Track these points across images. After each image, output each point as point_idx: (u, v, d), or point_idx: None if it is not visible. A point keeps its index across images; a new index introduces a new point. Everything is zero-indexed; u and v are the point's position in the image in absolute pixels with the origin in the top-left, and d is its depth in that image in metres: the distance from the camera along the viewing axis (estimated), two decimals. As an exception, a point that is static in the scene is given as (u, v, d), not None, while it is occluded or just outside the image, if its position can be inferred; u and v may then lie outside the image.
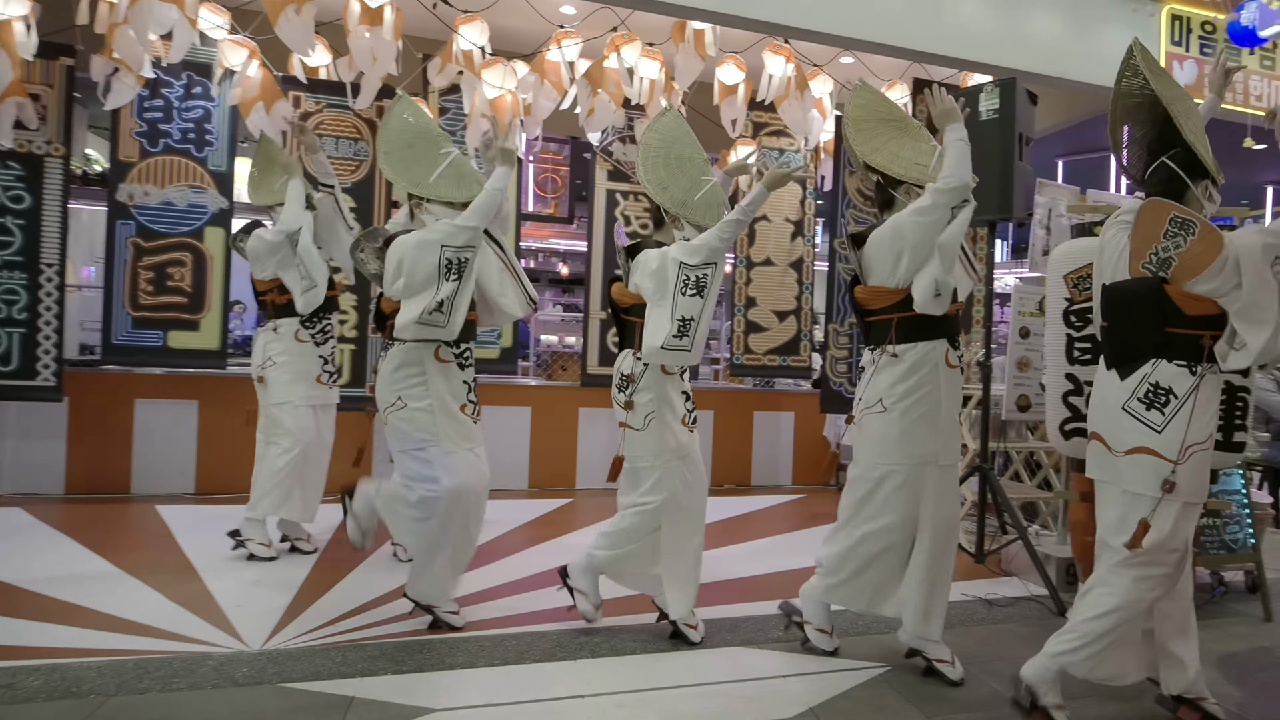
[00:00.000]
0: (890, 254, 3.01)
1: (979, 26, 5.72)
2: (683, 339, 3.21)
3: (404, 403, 3.25)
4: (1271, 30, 5.84)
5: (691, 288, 3.21)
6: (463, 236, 3.20)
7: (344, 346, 5.61)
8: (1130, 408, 2.61)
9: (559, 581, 3.48)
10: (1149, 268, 2.61)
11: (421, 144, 3.47)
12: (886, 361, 3.05)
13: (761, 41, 5.71)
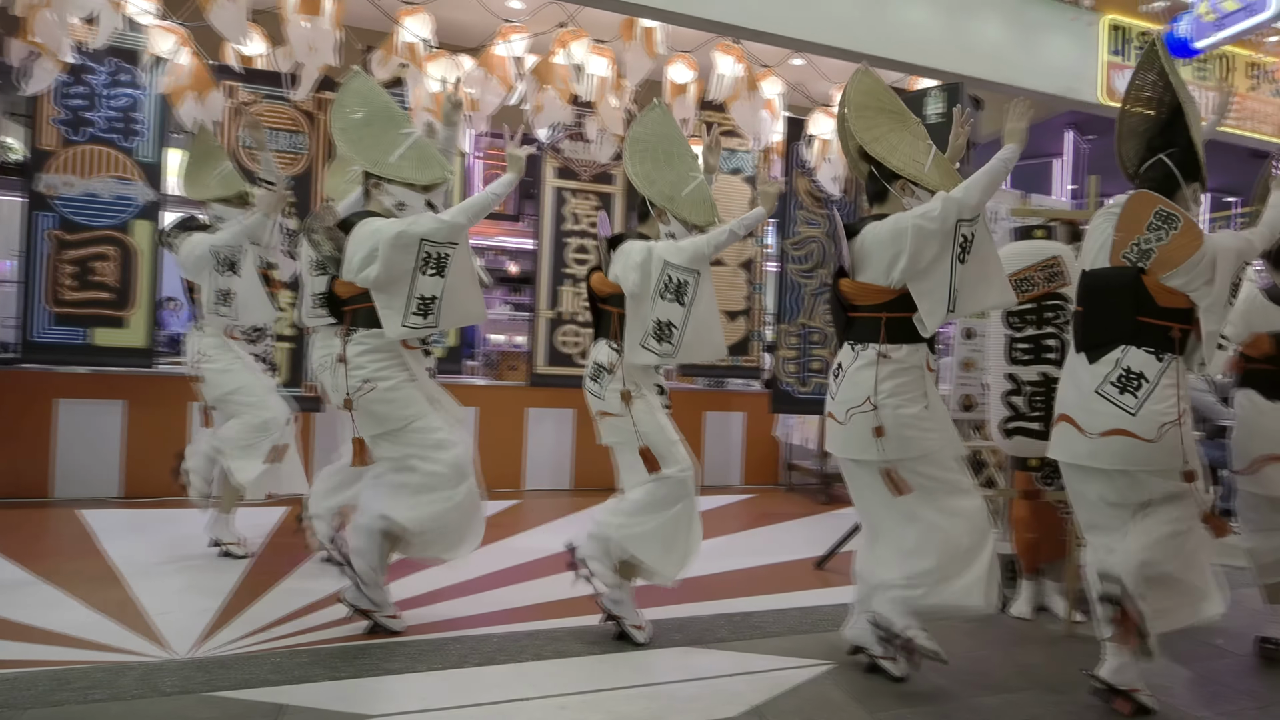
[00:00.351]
0: (889, 252, 2.88)
1: (926, 32, 5.79)
2: (662, 344, 3.16)
3: (374, 384, 3.13)
4: (1206, 42, 6.01)
5: (671, 292, 3.15)
6: (445, 233, 3.09)
7: (282, 345, 5.44)
8: (1103, 391, 2.72)
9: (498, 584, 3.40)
10: (1129, 257, 2.72)
11: (380, 122, 3.30)
12: (871, 359, 2.93)
13: (712, 41, 5.70)
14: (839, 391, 3.03)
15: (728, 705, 2.77)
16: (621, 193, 6.49)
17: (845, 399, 2.98)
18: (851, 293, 3.03)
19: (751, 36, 5.49)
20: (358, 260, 3.09)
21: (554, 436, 6.44)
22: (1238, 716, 2.90)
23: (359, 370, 3.13)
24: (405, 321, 3.07)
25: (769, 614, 3.73)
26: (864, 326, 2.99)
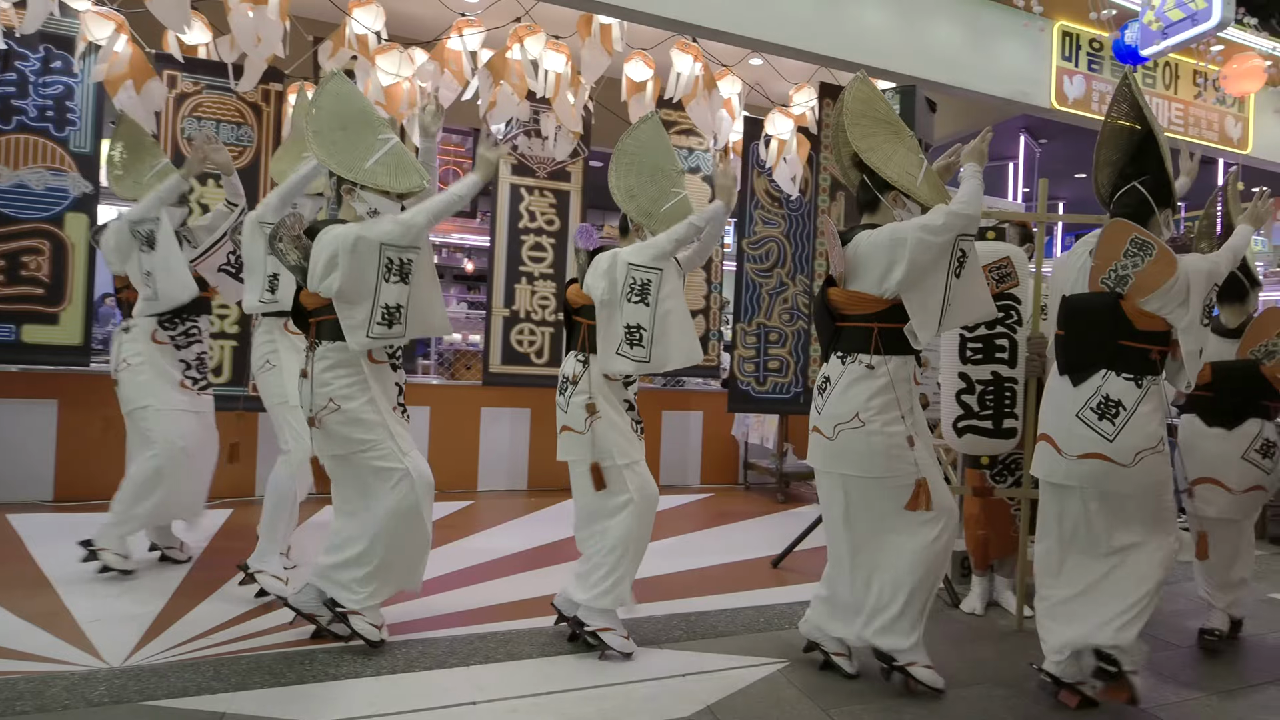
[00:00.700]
0: (884, 261, 2.82)
1: (882, 35, 5.82)
2: (635, 348, 3.11)
3: (337, 404, 3.00)
4: (1152, 50, 6.12)
5: (636, 293, 3.10)
6: (408, 236, 2.98)
7: (224, 343, 5.28)
8: (1083, 416, 2.80)
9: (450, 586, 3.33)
10: (1107, 283, 2.82)
11: (356, 126, 3.15)
12: (861, 373, 2.87)
13: (670, 39, 5.67)
14: (826, 406, 2.94)
15: (681, 705, 2.74)
16: (578, 190, 6.44)
17: (834, 414, 2.90)
18: (842, 301, 2.95)
19: (709, 35, 5.47)
20: (320, 268, 2.98)
21: (509, 436, 6.36)
22: (1182, 707, 2.94)
23: (324, 388, 3.01)
24: (370, 333, 2.96)
25: (724, 613, 3.71)
26: (853, 337, 2.92)
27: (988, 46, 6.18)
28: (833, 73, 6.10)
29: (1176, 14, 5.83)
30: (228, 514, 5.07)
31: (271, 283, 3.62)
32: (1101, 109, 6.65)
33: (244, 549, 3.89)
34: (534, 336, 6.30)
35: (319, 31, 5.42)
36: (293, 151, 3.85)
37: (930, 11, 5.97)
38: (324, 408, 3.01)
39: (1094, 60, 6.67)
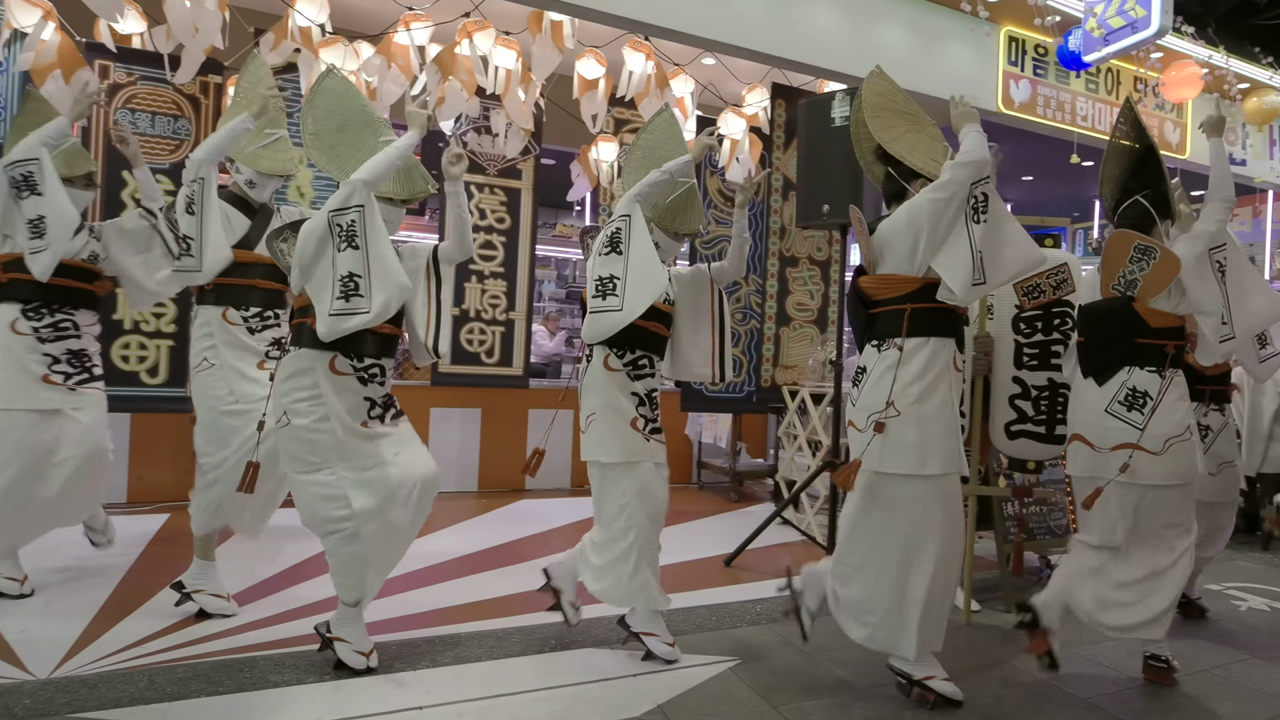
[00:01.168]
0: (907, 238, 2.76)
1: (832, 36, 5.87)
2: (606, 299, 2.95)
3: (289, 419, 2.82)
4: (1095, 56, 6.27)
5: (606, 245, 3.00)
6: (346, 195, 2.75)
7: (161, 342, 5.12)
8: (1113, 410, 3.01)
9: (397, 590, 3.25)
10: (1117, 289, 3.06)
11: (356, 128, 3.01)
12: (894, 359, 2.77)
13: (622, 37, 5.64)
14: (861, 397, 2.86)
15: (632, 705, 2.71)
16: (529, 188, 6.37)
17: (867, 404, 2.81)
18: (873, 287, 2.88)
19: (661, 34, 5.46)
20: (295, 263, 2.86)
21: (459, 437, 6.27)
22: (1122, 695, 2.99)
23: (281, 398, 2.86)
24: (331, 309, 2.73)
25: (677, 612, 3.67)
26: (887, 321, 2.83)
27: (936, 50, 6.26)
28: (784, 73, 6.13)
29: (1117, 21, 5.98)
30: (164, 519, 4.91)
31: (185, 243, 3.24)
32: (1046, 113, 6.79)
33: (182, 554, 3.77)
34: (484, 336, 6.22)
35: (260, 23, 5.28)
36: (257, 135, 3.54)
37: (880, 15, 6.04)
38: (278, 420, 2.87)
39: (1039, 65, 6.81)
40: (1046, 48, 6.77)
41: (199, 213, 3.19)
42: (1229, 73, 7.40)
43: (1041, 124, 6.82)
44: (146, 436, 5.36)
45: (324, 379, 2.81)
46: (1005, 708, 2.85)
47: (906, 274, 2.79)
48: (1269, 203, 10.31)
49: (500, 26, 5.37)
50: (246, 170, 3.40)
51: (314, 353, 2.83)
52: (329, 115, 2.99)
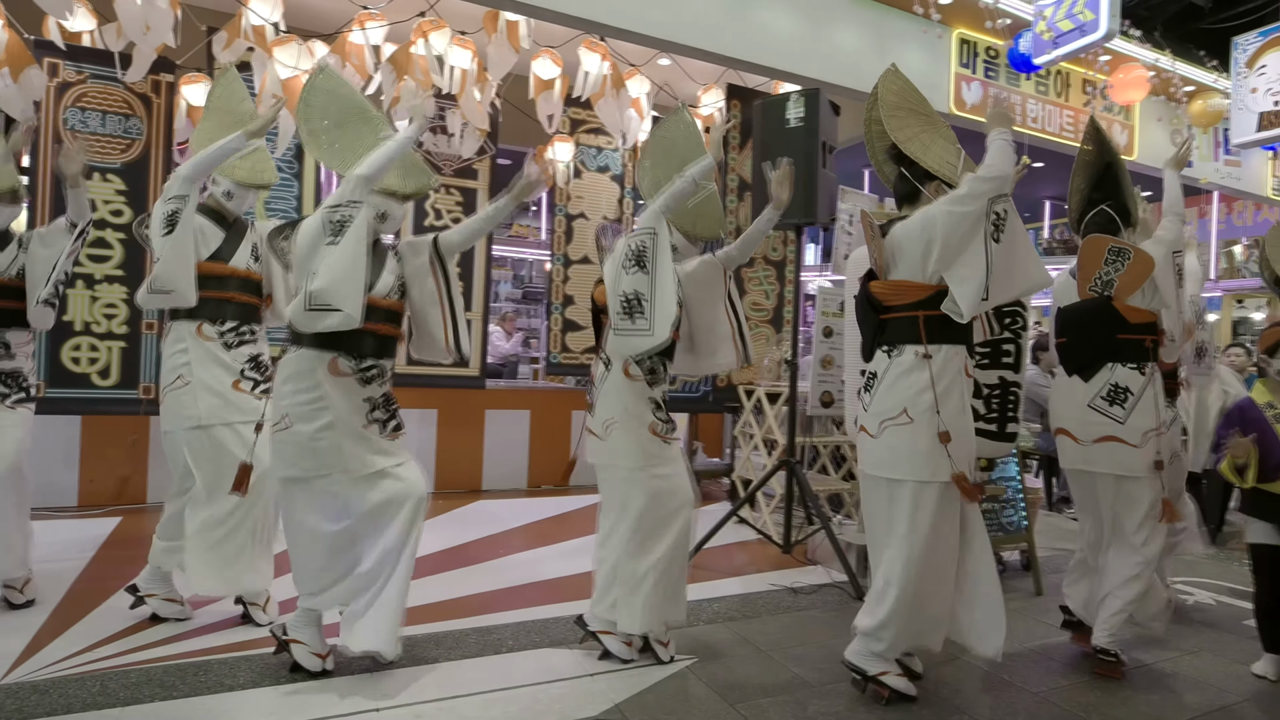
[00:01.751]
0: (920, 245, 2.76)
1: (787, 38, 5.92)
2: (634, 320, 2.88)
3: (290, 422, 2.76)
4: (1044, 59, 6.39)
5: (631, 260, 2.91)
6: (349, 191, 2.75)
7: (113, 343, 5.03)
8: (1095, 405, 3.19)
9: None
10: (1094, 290, 3.20)
11: (355, 124, 2.95)
12: (912, 364, 2.77)
13: (578, 38, 5.65)
14: (874, 402, 2.84)
15: (589, 704, 2.73)
16: (485, 188, 6.36)
17: (880, 410, 2.81)
18: (885, 293, 2.88)
19: (617, 35, 5.47)
20: (294, 259, 2.81)
21: (415, 438, 6.23)
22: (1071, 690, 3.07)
23: (281, 399, 2.79)
24: (307, 304, 2.65)
25: (634, 611, 3.70)
26: (899, 327, 2.83)
27: (889, 52, 6.34)
28: (740, 75, 6.18)
29: (1066, 25, 6.11)
30: (115, 522, 4.83)
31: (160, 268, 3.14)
32: (997, 115, 6.91)
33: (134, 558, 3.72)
34: (442, 336, 6.19)
35: (213, 21, 5.21)
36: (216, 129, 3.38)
37: (834, 17, 6.11)
38: (276, 423, 2.80)
39: (990, 67, 6.93)
40: (997, 50, 6.89)
41: (177, 232, 3.04)
42: (1175, 76, 7.59)
43: (993, 125, 6.94)
44: (98, 439, 5.26)
45: (325, 379, 2.78)
46: (960, 702, 2.91)
47: (919, 281, 2.79)
48: (1214, 203, 10.60)
49: (456, 26, 5.35)
50: (224, 181, 3.31)
51: (314, 353, 2.78)
52: (324, 113, 2.94)
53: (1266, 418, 3.18)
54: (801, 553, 4.77)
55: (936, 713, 2.82)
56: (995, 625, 2.80)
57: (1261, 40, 7.25)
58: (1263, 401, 3.24)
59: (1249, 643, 3.47)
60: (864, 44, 6.23)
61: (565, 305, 6.81)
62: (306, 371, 2.78)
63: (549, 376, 7.25)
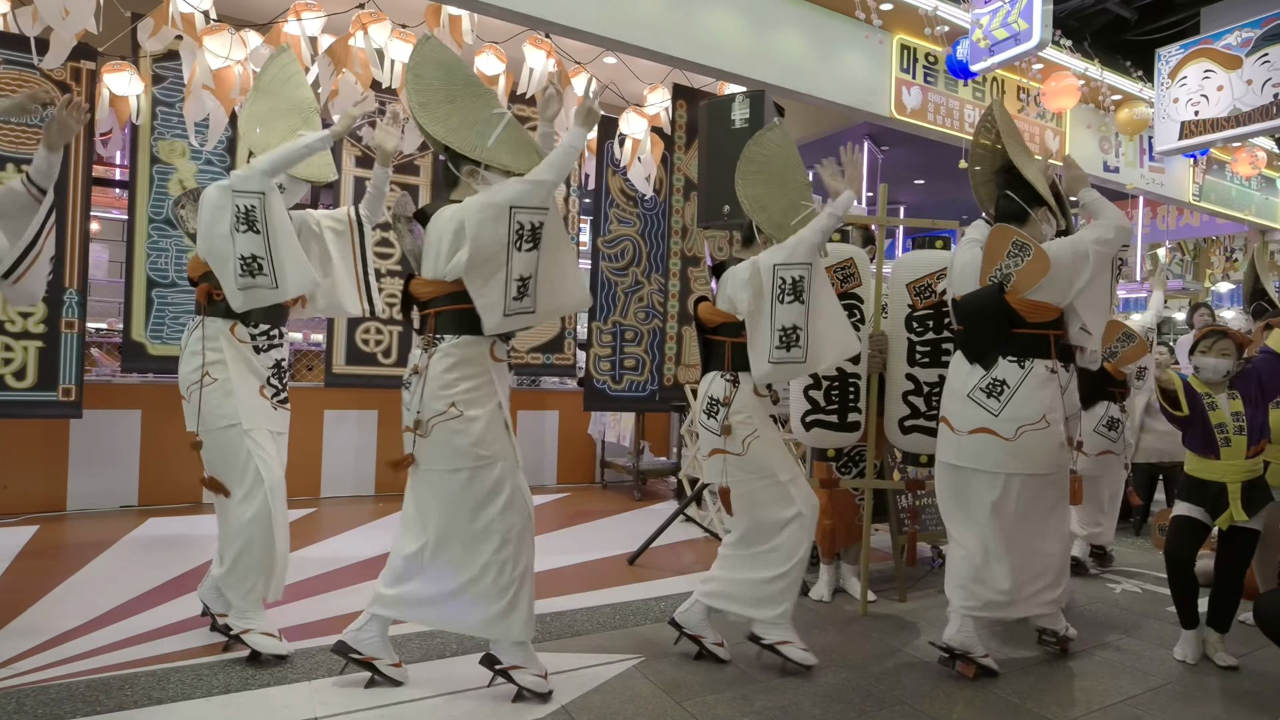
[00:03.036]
0: (1067, 272, 3.05)
1: (732, 40, 5.93)
2: (790, 350, 2.98)
3: (460, 409, 2.68)
4: (981, 66, 6.53)
5: (789, 292, 2.98)
6: (537, 195, 2.66)
7: (29, 343, 4.78)
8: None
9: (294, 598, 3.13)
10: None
11: (466, 99, 2.84)
12: (1046, 377, 3.08)
13: (522, 34, 5.58)
14: (1006, 408, 3.06)
15: (536, 706, 2.69)
16: (427, 185, 6.25)
17: (1017, 416, 3.04)
18: (1026, 310, 3.08)
19: (561, 32, 5.41)
20: (445, 248, 2.68)
21: (355, 439, 6.10)
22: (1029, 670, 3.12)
23: (447, 389, 2.68)
24: (506, 309, 2.64)
25: (581, 612, 3.67)
26: (1031, 343, 3.09)
27: (832, 56, 6.41)
28: (686, 75, 6.18)
29: (1001, 33, 6.24)
30: (33, 530, 4.62)
31: (248, 266, 2.93)
32: (936, 119, 7.04)
33: (52, 569, 3.56)
34: (381, 336, 6.06)
35: (138, 7, 5.00)
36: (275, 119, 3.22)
37: (779, 20, 6.14)
38: (441, 414, 2.69)
39: (929, 73, 7.05)
40: (936, 56, 7.02)
41: (264, 231, 2.91)
42: (1103, 85, 7.83)
43: (932, 129, 7.06)
44: (12, 443, 5.02)
45: (491, 366, 2.76)
46: (902, 693, 2.95)
47: (1057, 304, 3.08)
48: (1139, 208, 10.98)
49: (396, 19, 5.24)
50: (281, 175, 3.08)
51: (474, 339, 2.72)
52: (436, 88, 2.82)
53: (1203, 404, 3.33)
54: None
55: (879, 704, 2.84)
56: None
57: (1183, 53, 7.52)
58: (1201, 391, 3.38)
59: (1173, 628, 3.58)
60: (807, 48, 6.28)
61: (509, 304, 6.71)
62: (476, 357, 2.73)
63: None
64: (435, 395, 2.70)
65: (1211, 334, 3.40)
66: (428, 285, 2.77)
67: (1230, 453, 3.27)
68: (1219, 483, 3.30)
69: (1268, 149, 9.30)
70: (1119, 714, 2.86)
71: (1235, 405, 3.32)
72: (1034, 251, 3.06)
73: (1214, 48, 7.27)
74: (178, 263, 5.35)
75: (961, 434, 3.15)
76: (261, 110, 3.17)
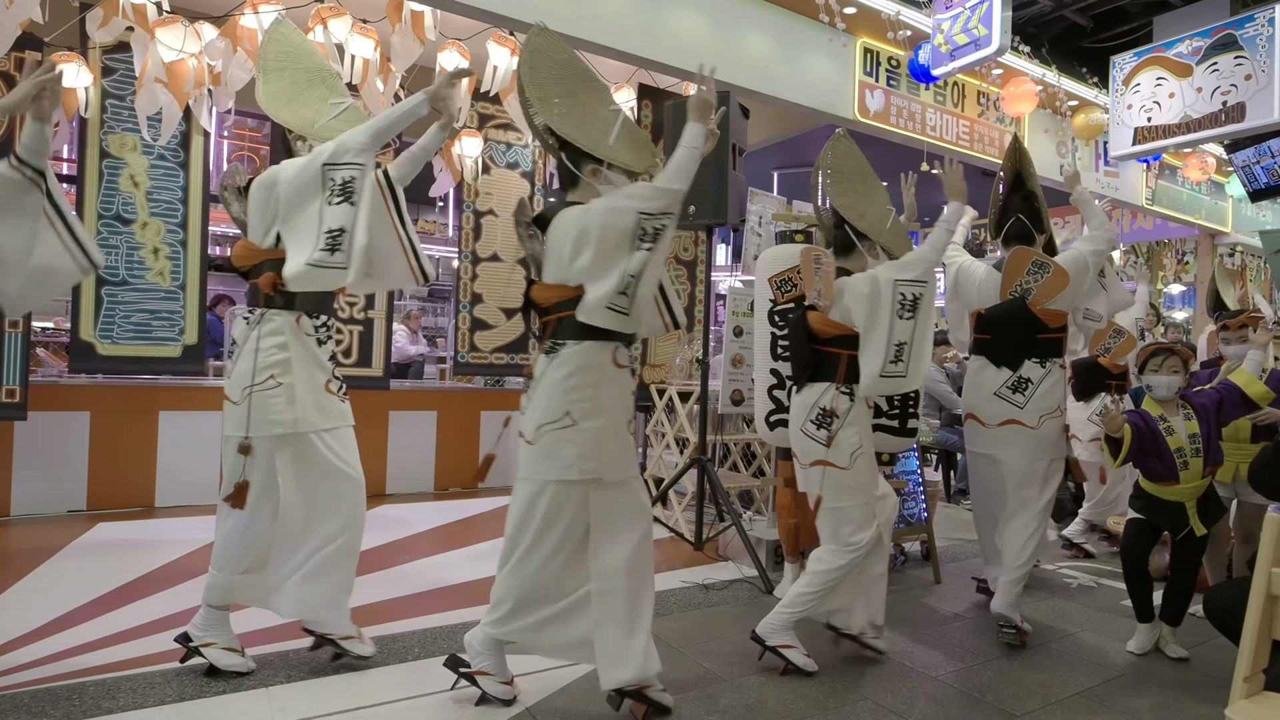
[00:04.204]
0: (1077, 282, 3.58)
1: (697, 41, 5.93)
2: (898, 364, 3.03)
3: (574, 419, 2.55)
4: (942, 70, 6.60)
5: (907, 309, 3.03)
6: (662, 201, 2.54)
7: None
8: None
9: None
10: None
11: (585, 94, 2.73)
12: (1059, 374, 3.62)
13: (486, 31, 5.53)
14: (1031, 402, 3.54)
15: (499, 710, 2.66)
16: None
17: (1040, 407, 3.54)
18: (1047, 317, 3.57)
19: (523, 29, 5.37)
20: (568, 251, 2.58)
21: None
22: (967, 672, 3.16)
23: (566, 395, 2.56)
24: (609, 300, 2.51)
25: (544, 614, 3.62)
26: (1050, 346, 3.61)
27: (796, 58, 6.44)
28: (651, 75, 6.17)
29: (962, 39, 6.32)
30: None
31: (333, 240, 2.69)
32: (898, 122, 7.11)
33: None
34: (341, 336, 5.97)
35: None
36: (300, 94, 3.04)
37: (744, 22, 6.16)
38: (553, 422, 2.57)
39: (892, 77, 7.12)
40: (899, 60, 7.09)
41: (359, 204, 2.71)
42: (1060, 91, 7.97)
43: (894, 132, 7.13)
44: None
45: (608, 374, 2.64)
46: (865, 689, 2.96)
47: (1067, 309, 3.64)
48: (1093, 212, 11.18)
49: (357, 14, 5.16)
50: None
51: (599, 344, 2.62)
52: (554, 81, 2.71)
53: (1159, 430, 3.32)
54: (713, 549, 4.78)
55: (842, 700, 2.85)
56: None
57: (1137, 60, 7.68)
58: (1155, 414, 3.37)
59: (1126, 621, 3.66)
60: (772, 50, 6.31)
61: (474, 304, 6.65)
62: (596, 364, 2.61)
63: (456, 376, 7.08)
64: (555, 401, 2.58)
65: (1159, 352, 3.42)
66: (550, 290, 2.65)
67: (1189, 475, 3.29)
68: (1177, 503, 3.34)
69: (1217, 155, 9.54)
70: (1075, 705, 2.90)
71: (1191, 426, 3.33)
72: (1053, 268, 3.50)
73: (1166, 56, 7.44)
74: (128, 260, 5.22)
75: (991, 427, 3.61)
76: (281, 88, 2.99)
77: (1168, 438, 3.31)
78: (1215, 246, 10.90)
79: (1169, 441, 3.30)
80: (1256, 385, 3.37)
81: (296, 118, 2.96)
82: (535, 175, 6.95)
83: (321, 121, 2.95)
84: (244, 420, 2.77)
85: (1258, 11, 6.79)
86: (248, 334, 2.83)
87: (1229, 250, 11.42)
